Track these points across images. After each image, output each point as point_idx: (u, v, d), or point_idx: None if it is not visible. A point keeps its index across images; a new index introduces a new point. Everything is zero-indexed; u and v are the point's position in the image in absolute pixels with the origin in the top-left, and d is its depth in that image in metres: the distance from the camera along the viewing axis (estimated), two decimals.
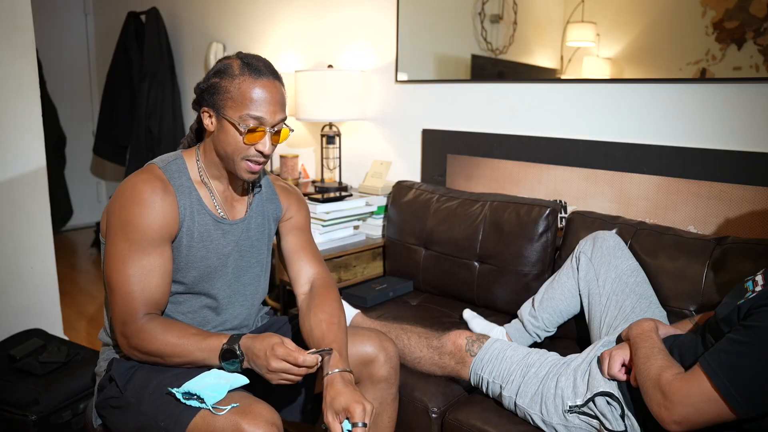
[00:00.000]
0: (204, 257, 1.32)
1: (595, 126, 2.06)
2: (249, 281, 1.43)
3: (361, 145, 2.81)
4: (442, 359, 1.62)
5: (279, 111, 1.26)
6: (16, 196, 2.26)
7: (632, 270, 1.67)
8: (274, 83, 1.26)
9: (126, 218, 1.22)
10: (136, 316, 1.21)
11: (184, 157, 1.34)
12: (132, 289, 1.21)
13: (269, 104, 1.24)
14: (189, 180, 1.32)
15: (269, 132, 1.25)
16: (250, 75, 1.24)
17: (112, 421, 1.28)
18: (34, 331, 2.17)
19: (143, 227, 1.21)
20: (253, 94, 1.23)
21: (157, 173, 1.28)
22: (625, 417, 1.30)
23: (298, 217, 1.51)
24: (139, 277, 1.21)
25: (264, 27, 3.23)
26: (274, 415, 1.14)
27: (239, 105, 1.23)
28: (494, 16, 2.27)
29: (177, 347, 1.20)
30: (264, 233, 1.45)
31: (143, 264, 1.22)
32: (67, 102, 4.71)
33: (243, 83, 1.23)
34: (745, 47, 1.71)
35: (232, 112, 1.24)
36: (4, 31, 2.16)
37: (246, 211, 1.41)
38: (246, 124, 1.23)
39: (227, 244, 1.36)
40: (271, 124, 1.25)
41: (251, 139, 1.24)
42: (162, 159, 1.33)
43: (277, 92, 1.26)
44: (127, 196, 1.24)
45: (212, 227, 1.33)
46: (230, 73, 1.25)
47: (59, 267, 2.48)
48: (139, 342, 1.21)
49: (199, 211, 1.31)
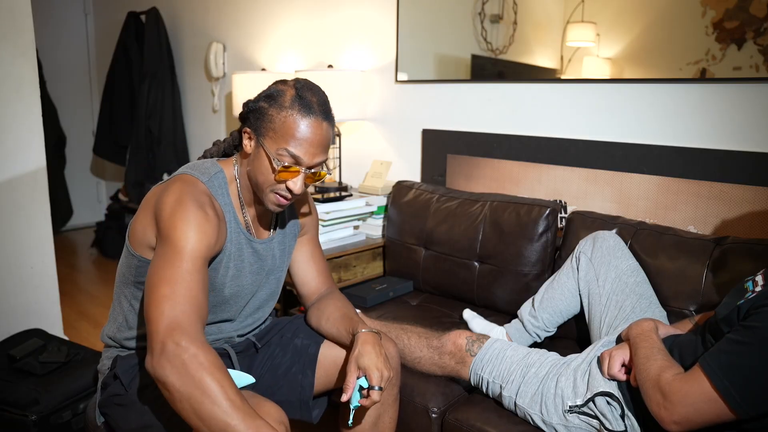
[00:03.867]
0: (235, 276, 1.31)
1: (595, 126, 2.06)
2: (266, 297, 1.45)
3: (361, 145, 2.81)
4: (442, 359, 1.62)
5: (319, 153, 1.20)
6: (16, 196, 2.26)
7: (632, 270, 1.67)
8: (322, 124, 1.19)
9: (179, 238, 1.12)
10: (193, 325, 1.05)
11: (224, 171, 1.29)
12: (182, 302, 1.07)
13: (310, 145, 1.18)
14: (228, 197, 1.28)
15: (303, 172, 1.20)
16: (299, 111, 1.17)
17: (115, 418, 1.27)
18: (34, 331, 2.17)
19: (195, 248, 1.12)
20: (297, 132, 1.17)
21: (203, 189, 1.21)
22: (625, 417, 1.30)
23: (312, 231, 1.54)
24: (190, 292, 1.09)
25: (264, 27, 3.23)
26: (281, 414, 1.15)
27: (280, 138, 1.18)
28: (494, 16, 2.27)
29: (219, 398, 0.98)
30: (285, 251, 1.45)
31: (195, 278, 1.11)
32: (67, 102, 4.71)
33: (289, 117, 1.17)
34: (745, 47, 1.71)
35: (271, 143, 1.19)
36: (4, 31, 2.16)
37: (270, 230, 1.41)
38: (281, 161, 1.18)
39: (255, 262, 1.35)
40: (308, 165, 1.20)
41: (283, 176, 1.19)
42: (203, 171, 1.25)
43: (322, 134, 1.19)
44: (179, 214, 1.13)
45: (244, 245, 1.32)
46: (280, 103, 1.19)
47: (59, 267, 2.48)
48: (188, 356, 1.01)
49: (234, 229, 1.28)
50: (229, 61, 3.50)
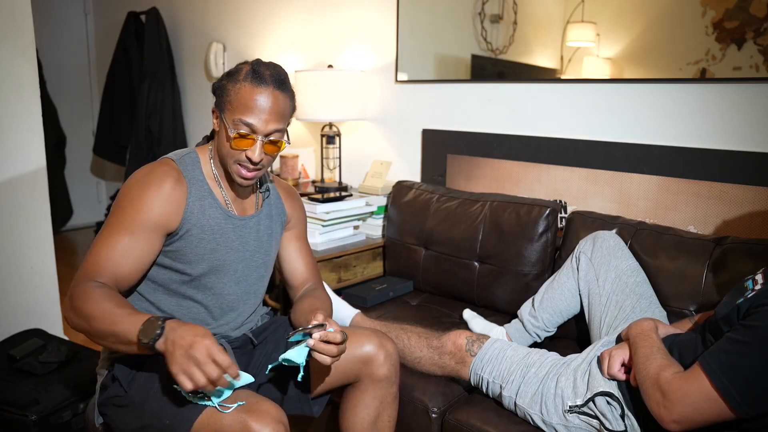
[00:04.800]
0: (214, 249, 1.34)
1: (595, 126, 2.06)
2: (255, 281, 1.45)
3: (361, 145, 2.81)
4: (442, 359, 1.62)
5: (273, 121, 1.26)
6: (16, 196, 2.26)
7: (632, 270, 1.67)
8: (274, 93, 1.25)
9: (130, 198, 1.24)
10: (90, 280, 1.17)
11: (197, 152, 1.37)
12: (101, 258, 1.19)
13: (262, 112, 1.24)
14: (201, 174, 1.34)
15: (260, 140, 1.26)
16: (251, 82, 1.24)
17: (114, 419, 1.28)
18: (34, 331, 2.17)
19: (142, 210, 1.22)
20: (250, 101, 1.23)
21: (171, 165, 1.30)
22: (625, 417, 1.30)
23: (299, 227, 1.58)
24: (114, 251, 1.20)
25: (264, 27, 3.23)
26: (280, 413, 1.15)
27: (235, 109, 1.25)
28: (494, 16, 2.27)
29: (108, 314, 1.11)
30: (272, 235, 1.47)
31: (125, 242, 1.21)
32: (67, 102, 4.70)
33: (242, 89, 1.24)
34: (745, 47, 1.71)
35: (228, 116, 1.26)
36: (4, 31, 2.16)
37: (255, 210, 1.44)
38: (236, 129, 1.24)
39: (236, 239, 1.38)
40: (263, 133, 1.26)
41: (239, 144, 1.26)
42: (176, 153, 1.36)
43: (274, 102, 1.25)
44: (138, 179, 1.26)
45: (223, 221, 1.35)
46: (236, 78, 1.26)
47: (59, 267, 2.48)
48: (80, 302, 1.13)
49: (210, 204, 1.33)
50: (229, 61, 3.50)
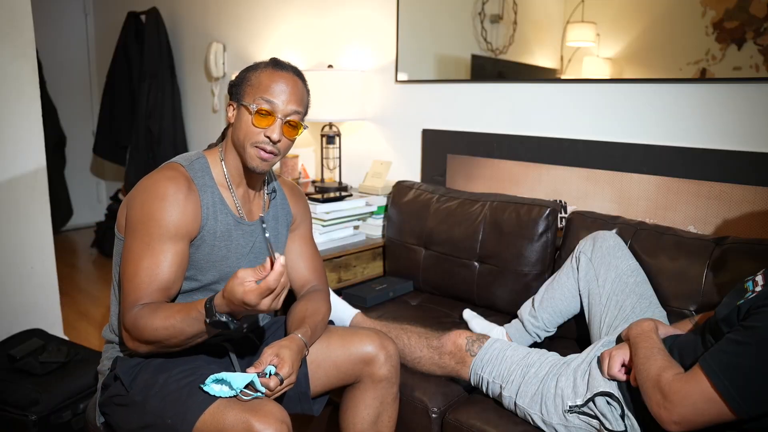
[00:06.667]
0: (224, 257, 1.33)
1: (595, 126, 2.06)
2: None
3: (361, 145, 2.81)
4: (442, 359, 1.62)
5: (293, 102, 1.29)
6: (16, 196, 2.26)
7: (632, 270, 1.67)
8: (295, 79, 1.31)
9: (148, 214, 1.23)
10: (135, 306, 1.19)
11: (206, 156, 1.37)
12: (141, 280, 1.20)
13: (284, 93, 1.28)
14: (212, 179, 1.34)
15: (280, 119, 1.28)
16: (273, 68, 1.31)
17: (116, 419, 1.28)
18: (34, 331, 2.17)
19: (164, 223, 1.22)
20: (271, 81, 1.28)
21: (181, 171, 1.29)
22: (625, 417, 1.30)
23: (304, 227, 1.57)
24: (150, 269, 1.21)
25: (264, 27, 3.23)
26: (283, 413, 1.15)
27: (256, 91, 1.28)
28: (494, 16, 2.27)
29: (168, 329, 1.15)
30: (278, 237, 1.48)
31: (158, 258, 1.21)
32: (67, 102, 4.71)
33: (263, 73, 1.30)
34: (745, 47, 1.71)
35: (249, 98, 1.28)
36: (4, 31, 2.16)
37: (263, 213, 1.43)
38: (258, 105, 1.27)
39: (246, 244, 1.37)
40: (283, 113, 1.28)
41: (260, 121, 1.27)
42: (184, 157, 1.35)
43: (295, 86, 1.30)
44: (150, 192, 1.25)
45: (233, 227, 1.35)
46: (256, 66, 1.32)
47: (59, 267, 2.49)
48: (138, 333, 1.17)
49: (221, 210, 1.33)
50: (229, 61, 3.50)
